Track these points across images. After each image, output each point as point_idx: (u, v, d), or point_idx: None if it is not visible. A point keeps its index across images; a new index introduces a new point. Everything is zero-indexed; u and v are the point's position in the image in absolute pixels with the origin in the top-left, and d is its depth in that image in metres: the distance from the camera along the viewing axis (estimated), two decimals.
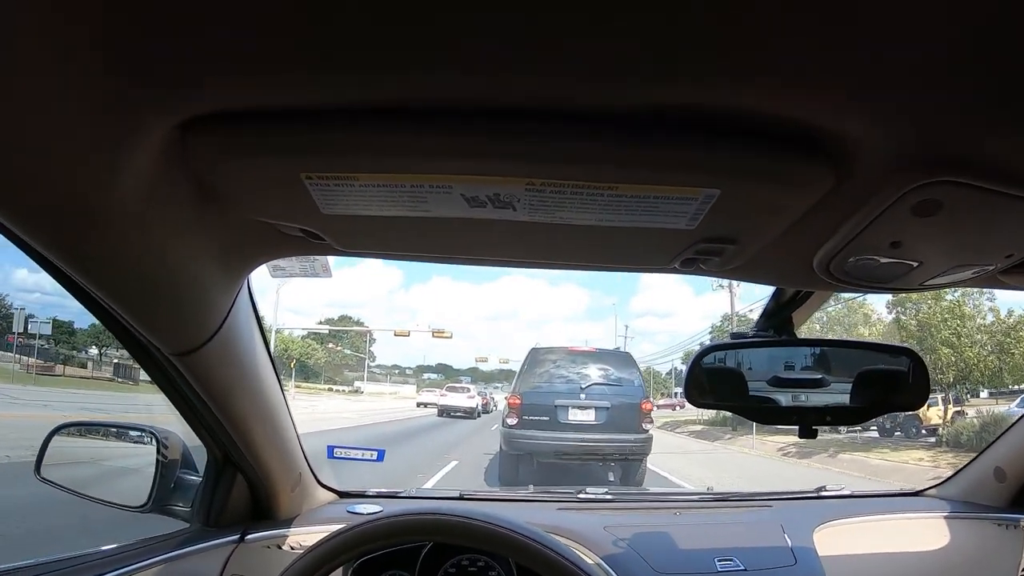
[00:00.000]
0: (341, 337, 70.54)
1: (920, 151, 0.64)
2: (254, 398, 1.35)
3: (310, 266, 3.07)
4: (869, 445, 18.54)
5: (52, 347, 33.87)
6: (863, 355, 1.38)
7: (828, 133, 0.61)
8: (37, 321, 30.07)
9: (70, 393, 17.30)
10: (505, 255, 0.95)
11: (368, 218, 0.78)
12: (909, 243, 0.82)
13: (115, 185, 0.66)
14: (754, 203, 0.72)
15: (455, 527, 0.92)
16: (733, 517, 1.93)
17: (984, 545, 1.77)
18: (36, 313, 32.12)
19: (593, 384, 9.74)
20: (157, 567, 1.36)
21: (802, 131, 0.61)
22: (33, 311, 35.03)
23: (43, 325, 30.42)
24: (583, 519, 1.78)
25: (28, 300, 70.04)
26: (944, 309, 18.73)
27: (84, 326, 37.40)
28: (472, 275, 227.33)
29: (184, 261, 0.89)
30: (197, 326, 1.05)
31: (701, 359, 1.22)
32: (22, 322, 29.99)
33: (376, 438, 15.20)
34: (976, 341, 18.70)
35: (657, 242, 0.83)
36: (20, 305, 39.82)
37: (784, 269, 0.99)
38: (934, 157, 0.65)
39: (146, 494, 1.51)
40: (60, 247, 0.76)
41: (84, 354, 37.26)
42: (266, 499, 1.60)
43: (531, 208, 0.71)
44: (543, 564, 0.91)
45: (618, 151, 0.63)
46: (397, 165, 0.65)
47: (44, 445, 1.56)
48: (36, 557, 1.25)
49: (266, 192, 0.73)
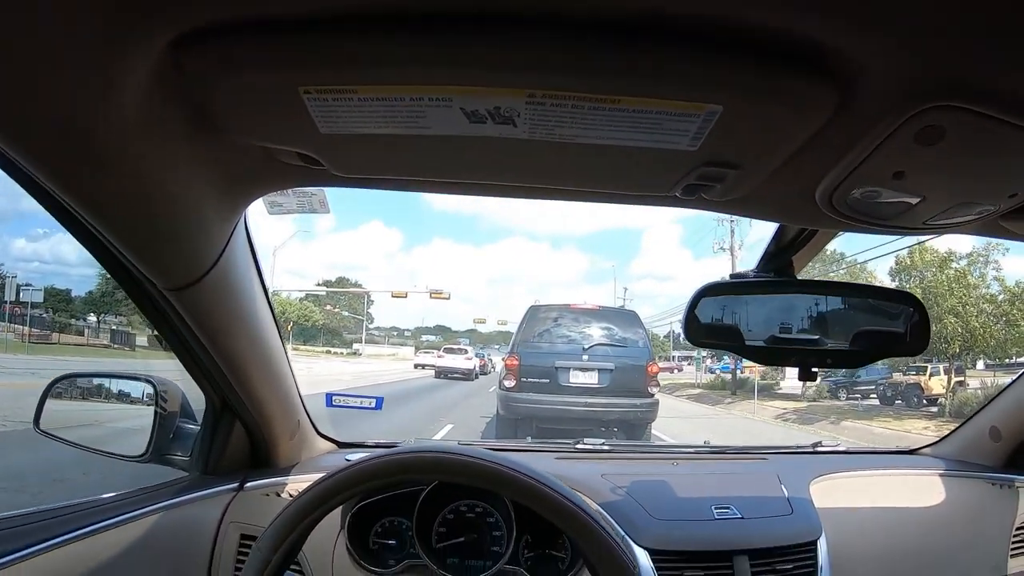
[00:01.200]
0: (339, 299, 70.80)
1: (926, 74, 0.63)
2: (251, 339, 1.34)
3: (307, 201, 3.03)
4: (871, 413, 18.79)
5: (48, 315, 33.81)
6: (865, 299, 1.38)
7: (833, 52, 0.60)
8: (30, 289, 29.96)
9: (63, 360, 17.26)
10: (504, 179, 0.93)
11: (367, 138, 0.76)
12: (912, 174, 0.81)
13: (109, 109, 0.65)
14: (757, 123, 0.71)
15: (456, 465, 0.91)
16: (730, 467, 1.95)
17: (978, 504, 1.79)
18: (34, 282, 32.11)
19: (596, 344, 9.22)
20: (157, 514, 1.37)
21: (807, 49, 0.60)
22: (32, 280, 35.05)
23: (35, 293, 30.30)
24: (581, 468, 1.80)
25: (27, 269, 70.02)
26: (950, 278, 18.64)
27: (81, 293, 37.43)
28: (473, 237, 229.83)
29: (180, 190, 0.88)
30: (192, 260, 1.04)
31: (701, 298, 1.21)
32: (14, 290, 29.90)
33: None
34: (982, 311, 18.57)
35: (659, 165, 0.81)
36: (12, 273, 39.75)
37: (787, 203, 0.97)
38: (940, 80, 0.63)
39: (144, 445, 1.52)
40: (55, 175, 0.75)
41: (82, 322, 37.22)
42: (265, 447, 1.61)
43: (531, 124, 0.70)
44: (548, 505, 0.90)
45: (620, 60, 0.61)
46: (397, 76, 0.63)
47: (43, 398, 1.56)
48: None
49: (263, 111, 0.71)
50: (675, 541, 1.47)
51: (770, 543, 1.50)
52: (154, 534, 1.36)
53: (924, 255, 19.22)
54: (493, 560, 1.47)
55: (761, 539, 1.51)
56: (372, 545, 1.53)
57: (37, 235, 79.01)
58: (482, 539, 1.50)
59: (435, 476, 0.92)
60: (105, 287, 37.77)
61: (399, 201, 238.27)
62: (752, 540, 1.50)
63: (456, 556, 1.49)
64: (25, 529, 1.15)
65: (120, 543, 1.28)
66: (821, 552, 1.52)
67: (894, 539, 1.67)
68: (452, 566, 1.47)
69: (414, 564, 1.48)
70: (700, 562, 1.46)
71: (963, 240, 23.11)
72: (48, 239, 79.82)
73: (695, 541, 1.48)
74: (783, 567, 1.48)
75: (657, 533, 1.49)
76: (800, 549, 1.51)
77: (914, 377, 21.43)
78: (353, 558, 1.49)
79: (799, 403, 22.54)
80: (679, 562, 1.45)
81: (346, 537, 1.50)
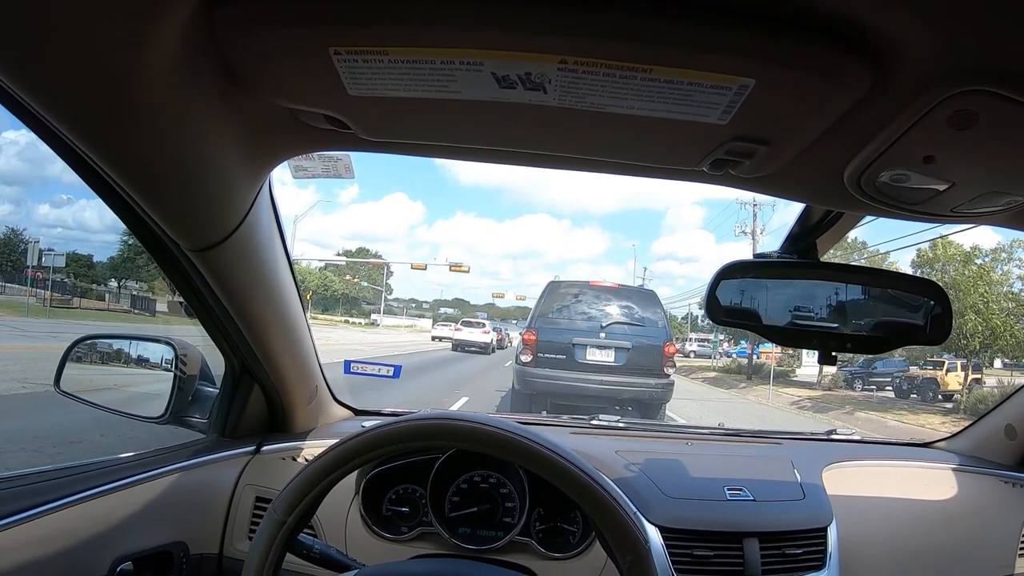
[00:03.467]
0: (358, 269, 71.09)
1: (962, 56, 0.61)
2: (272, 302, 1.35)
3: (332, 166, 3.01)
4: (885, 405, 18.70)
5: (70, 280, 34.26)
6: (887, 284, 1.36)
7: (870, 29, 0.59)
8: (52, 254, 30.32)
9: (83, 324, 17.50)
10: (531, 147, 0.92)
11: (395, 101, 0.75)
12: (943, 159, 0.80)
13: (142, 62, 0.65)
14: (789, 98, 0.70)
15: (475, 433, 0.91)
16: (743, 450, 1.95)
17: (989, 501, 1.77)
18: (57, 247, 32.60)
19: (614, 322, 9.09)
20: (174, 475, 1.40)
21: (844, 25, 0.59)
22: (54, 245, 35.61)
23: (57, 258, 30.67)
24: (595, 443, 1.80)
25: (50, 235, 71.06)
26: (973, 274, 18.34)
27: (103, 259, 37.82)
28: (495, 211, 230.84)
29: (207, 149, 0.88)
30: (217, 221, 1.04)
31: (724, 275, 1.20)
32: (36, 255, 30.28)
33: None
34: (1004, 308, 18.29)
35: (688, 137, 0.80)
36: (35, 238, 40.29)
37: (814, 183, 0.96)
38: (976, 64, 0.62)
39: (163, 407, 1.54)
40: (86, 133, 0.75)
41: (103, 287, 37.69)
42: (282, 411, 1.63)
43: (562, 90, 0.69)
44: (569, 480, 0.89)
45: (655, 28, 0.60)
46: (428, 38, 0.63)
47: (64, 358, 1.58)
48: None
49: (293, 70, 0.71)
50: (687, 520, 1.48)
51: (781, 527, 1.50)
52: (171, 494, 1.38)
53: (948, 249, 18.95)
54: (504, 531, 1.48)
55: (772, 523, 1.51)
56: (385, 512, 1.54)
57: (61, 201, 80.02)
58: (494, 510, 1.51)
59: (457, 444, 0.92)
60: (127, 253, 38.18)
61: (423, 173, 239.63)
62: (763, 523, 1.50)
63: (468, 526, 1.50)
64: (44, 486, 1.18)
65: (137, 502, 1.31)
66: (831, 539, 1.52)
67: (903, 530, 1.67)
68: (463, 535, 1.48)
69: (426, 532, 1.50)
70: (710, 542, 1.46)
71: (988, 235, 22.76)
72: (72, 205, 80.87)
73: (706, 521, 1.48)
74: (792, 552, 1.48)
75: (669, 511, 1.49)
76: (810, 535, 1.51)
77: (930, 372, 21.31)
78: (366, 524, 1.51)
79: (814, 391, 22.50)
80: (690, 541, 1.45)
81: (360, 503, 1.52)
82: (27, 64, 0.62)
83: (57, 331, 14.67)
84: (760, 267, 1.24)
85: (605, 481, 0.91)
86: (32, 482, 1.18)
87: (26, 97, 0.67)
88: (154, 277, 34.68)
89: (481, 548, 1.46)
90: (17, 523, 1.08)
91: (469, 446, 0.92)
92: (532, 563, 1.46)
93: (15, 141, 77.93)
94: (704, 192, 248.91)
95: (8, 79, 0.64)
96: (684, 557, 1.44)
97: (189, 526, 1.43)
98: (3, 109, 0.75)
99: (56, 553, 1.13)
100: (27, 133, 1.21)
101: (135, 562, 1.27)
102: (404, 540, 1.50)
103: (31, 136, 0.83)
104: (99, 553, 1.21)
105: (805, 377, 27.40)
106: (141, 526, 1.31)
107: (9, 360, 10.19)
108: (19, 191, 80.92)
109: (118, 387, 1.73)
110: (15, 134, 75.17)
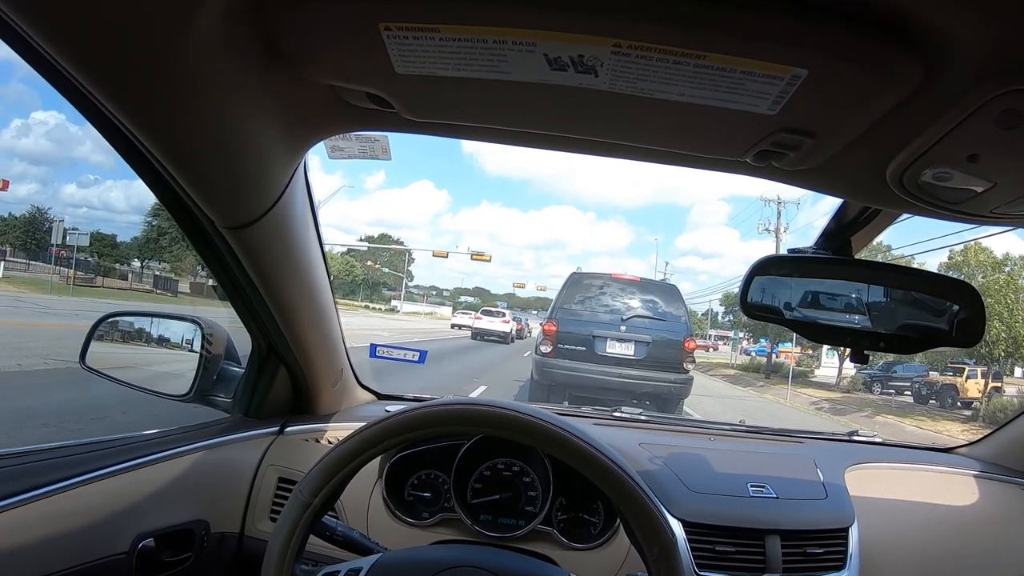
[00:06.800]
0: (380, 255, 71.40)
1: (1014, 55, 0.61)
2: (302, 283, 1.35)
3: (370, 147, 3.01)
4: (904, 410, 18.55)
5: (93, 259, 34.66)
6: (921, 284, 1.34)
7: (923, 23, 0.59)
8: (76, 233, 30.69)
9: (106, 303, 17.76)
10: (577, 131, 0.91)
11: (442, 80, 0.75)
12: (987, 158, 0.78)
13: (186, 33, 0.65)
14: (840, 90, 0.69)
15: (507, 420, 0.91)
16: (766, 448, 1.93)
17: (1011, 508, 1.74)
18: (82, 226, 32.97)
19: (635, 316, 9.09)
20: (198, 453, 1.41)
21: (897, 19, 0.59)
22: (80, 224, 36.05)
23: (81, 237, 31.03)
24: (618, 434, 1.80)
25: (76, 214, 72.12)
26: (1002, 281, 18.10)
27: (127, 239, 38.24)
28: (521, 202, 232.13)
29: (247, 126, 0.88)
30: (253, 199, 1.05)
31: (758, 270, 1.19)
32: (60, 234, 30.66)
33: None
34: None
35: (736, 126, 0.79)
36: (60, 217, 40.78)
37: (856, 178, 0.95)
38: None
39: (188, 385, 1.55)
40: (128, 106, 0.76)
41: (126, 267, 38.11)
42: (307, 393, 1.63)
43: (613, 75, 0.68)
44: (598, 470, 0.90)
45: (711, 15, 0.60)
46: (482, 16, 0.62)
47: (90, 335, 1.59)
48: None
49: (341, 46, 0.70)
50: (709, 515, 1.47)
51: (803, 526, 1.49)
52: (194, 473, 1.39)
53: (979, 255, 18.70)
54: (526, 520, 1.48)
55: (794, 521, 1.49)
56: (408, 496, 1.54)
57: (88, 181, 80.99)
58: (517, 498, 1.51)
59: (489, 431, 0.92)
60: (150, 234, 38.57)
61: (451, 162, 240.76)
62: (785, 521, 1.49)
63: (490, 513, 1.50)
64: (69, 460, 1.19)
65: (160, 479, 1.32)
66: (852, 540, 1.51)
67: (925, 535, 1.65)
68: (485, 522, 1.48)
69: (448, 518, 1.50)
70: (732, 538, 1.45)
71: (1016, 243, 22.53)
72: (98, 185, 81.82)
73: (729, 517, 1.47)
74: (813, 551, 1.47)
75: (692, 505, 1.48)
76: (832, 534, 1.50)
77: (950, 378, 21.10)
78: (388, 508, 1.51)
79: (832, 392, 22.36)
80: (712, 536, 1.45)
81: (383, 487, 1.52)
82: (76, 39, 0.63)
83: (80, 309, 14.83)
84: (795, 262, 1.22)
85: (634, 473, 0.91)
86: (56, 456, 1.19)
87: (74, 72, 0.68)
88: (177, 258, 35.05)
89: (503, 536, 1.47)
90: (43, 495, 1.09)
91: (503, 433, 0.91)
92: (553, 552, 1.46)
93: (44, 122, 78.95)
94: (732, 187, 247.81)
95: (57, 54, 0.64)
96: (706, 552, 1.43)
97: (211, 505, 1.44)
98: (34, 90, 0.75)
99: (79, 528, 1.14)
100: (55, 113, 1.20)
101: (157, 539, 1.28)
102: (425, 525, 1.50)
103: (59, 116, 0.83)
104: (122, 529, 1.23)
105: (824, 378, 27.20)
106: (163, 503, 1.32)
107: (31, 337, 10.35)
108: (46, 171, 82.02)
109: (142, 365, 1.74)
110: (44, 115, 76.09)
